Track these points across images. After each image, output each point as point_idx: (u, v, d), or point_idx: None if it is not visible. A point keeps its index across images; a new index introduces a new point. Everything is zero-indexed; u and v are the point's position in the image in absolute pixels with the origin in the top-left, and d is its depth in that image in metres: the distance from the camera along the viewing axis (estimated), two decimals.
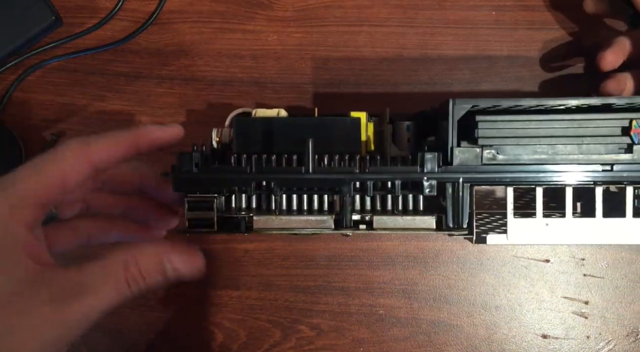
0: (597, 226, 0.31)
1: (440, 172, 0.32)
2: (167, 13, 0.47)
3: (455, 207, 0.32)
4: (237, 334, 0.47)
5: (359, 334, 0.46)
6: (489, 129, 0.32)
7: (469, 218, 0.32)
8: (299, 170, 0.33)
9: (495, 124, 0.32)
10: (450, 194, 0.32)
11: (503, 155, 0.32)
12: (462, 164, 0.32)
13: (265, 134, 0.36)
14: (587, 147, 0.32)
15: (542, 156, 0.32)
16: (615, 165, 0.31)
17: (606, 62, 0.39)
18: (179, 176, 0.33)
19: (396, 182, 0.33)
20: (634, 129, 0.31)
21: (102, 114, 0.46)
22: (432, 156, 0.32)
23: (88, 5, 0.47)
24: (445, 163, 0.32)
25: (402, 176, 0.32)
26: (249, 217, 0.34)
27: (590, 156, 0.32)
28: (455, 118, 0.32)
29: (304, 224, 0.34)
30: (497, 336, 0.46)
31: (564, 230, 0.32)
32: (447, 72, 0.46)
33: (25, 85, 0.47)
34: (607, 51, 0.39)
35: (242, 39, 0.46)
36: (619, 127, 0.31)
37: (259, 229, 0.34)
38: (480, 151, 0.32)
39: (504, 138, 0.32)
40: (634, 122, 0.31)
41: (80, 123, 0.46)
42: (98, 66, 0.46)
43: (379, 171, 0.33)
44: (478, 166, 0.32)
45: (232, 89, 0.46)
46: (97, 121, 0.46)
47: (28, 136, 0.46)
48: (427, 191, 0.32)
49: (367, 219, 0.34)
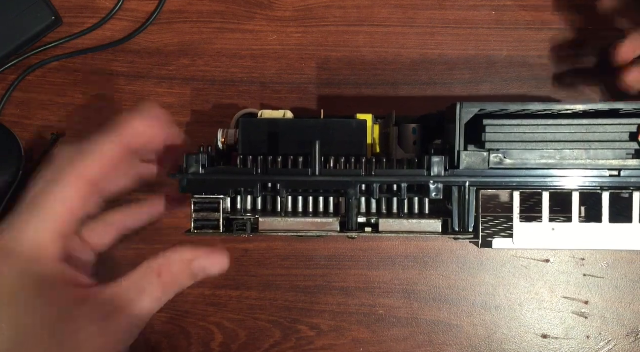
0: (603, 232, 0.32)
1: (447, 176, 0.32)
2: (167, 13, 0.47)
3: (461, 211, 0.32)
4: (237, 334, 0.47)
5: (359, 334, 0.46)
6: (497, 133, 0.32)
7: (475, 222, 0.32)
8: (305, 173, 0.33)
9: (502, 128, 0.32)
10: (456, 198, 0.32)
11: (510, 160, 0.32)
12: (469, 168, 0.32)
13: (271, 135, 0.36)
14: (595, 152, 0.32)
15: (550, 161, 0.32)
16: (622, 171, 0.31)
17: (620, 54, 0.39)
18: (185, 177, 0.33)
19: (402, 185, 0.33)
20: None
21: (102, 114, 0.46)
22: (439, 160, 0.32)
23: (88, 5, 0.47)
24: (452, 166, 0.32)
25: (409, 179, 0.32)
26: (254, 219, 0.34)
27: (597, 161, 0.32)
28: (463, 122, 0.32)
29: (309, 226, 0.34)
30: (497, 336, 0.46)
31: (570, 235, 0.32)
32: (447, 72, 0.46)
33: (25, 85, 0.46)
34: (622, 43, 0.39)
35: (242, 39, 0.46)
36: (626, 132, 0.31)
37: (265, 231, 0.34)
38: (487, 155, 0.32)
39: (512, 142, 0.32)
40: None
41: (80, 123, 0.46)
42: (98, 66, 0.46)
43: (386, 174, 0.33)
44: (485, 170, 0.32)
45: (232, 89, 0.46)
46: (97, 121, 0.46)
47: (28, 136, 0.46)
48: (434, 194, 0.32)
49: (373, 221, 0.34)
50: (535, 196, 0.33)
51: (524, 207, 0.33)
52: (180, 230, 0.45)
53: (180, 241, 0.33)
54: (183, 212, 0.46)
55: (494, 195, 0.43)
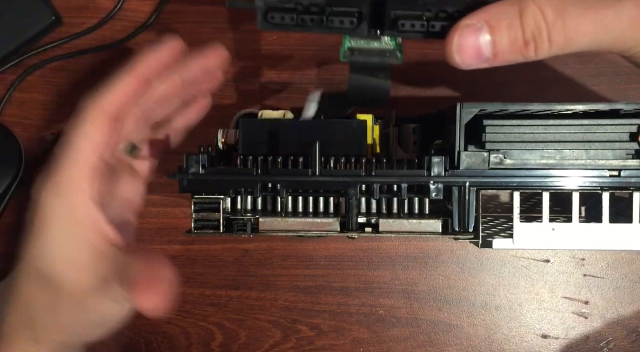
0: (603, 232, 0.32)
1: (447, 176, 0.32)
2: (167, 13, 0.47)
3: (461, 211, 0.32)
4: (237, 334, 0.47)
5: (359, 334, 0.46)
6: (497, 134, 0.32)
7: (475, 222, 0.32)
8: (305, 173, 0.33)
9: (502, 128, 0.32)
10: (456, 198, 0.32)
11: (510, 160, 0.32)
12: (469, 168, 0.32)
13: (271, 135, 0.36)
14: (595, 152, 0.32)
15: (550, 161, 0.32)
16: (622, 171, 0.31)
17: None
18: (185, 177, 0.33)
19: (402, 185, 0.33)
20: None
21: None
22: (439, 160, 0.32)
23: (88, 5, 0.47)
24: (452, 167, 0.32)
25: (409, 179, 0.32)
26: (254, 219, 0.34)
27: (597, 161, 0.32)
28: (463, 122, 0.32)
29: (309, 226, 0.34)
30: (497, 336, 0.46)
31: (570, 235, 0.32)
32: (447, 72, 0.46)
33: (25, 85, 0.46)
34: None
35: (242, 39, 0.46)
36: (626, 132, 0.31)
37: (265, 231, 0.34)
38: (487, 155, 0.32)
39: (512, 142, 0.32)
40: None
41: None
42: (98, 66, 0.46)
43: (386, 174, 0.33)
44: (485, 170, 0.32)
45: (232, 89, 0.46)
46: None
47: (28, 136, 0.46)
48: (434, 194, 0.32)
49: (373, 221, 0.34)
50: (536, 195, 0.33)
51: (524, 207, 0.33)
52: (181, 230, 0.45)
53: None
54: (183, 212, 0.46)
55: (494, 195, 0.43)
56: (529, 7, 0.27)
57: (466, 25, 0.27)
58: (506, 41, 0.27)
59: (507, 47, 0.27)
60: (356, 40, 0.32)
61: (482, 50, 0.27)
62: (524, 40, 0.27)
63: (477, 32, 0.27)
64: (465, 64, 0.28)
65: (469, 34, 0.27)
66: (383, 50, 0.32)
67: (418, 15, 0.29)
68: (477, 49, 0.27)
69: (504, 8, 0.27)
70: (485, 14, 0.27)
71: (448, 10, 0.29)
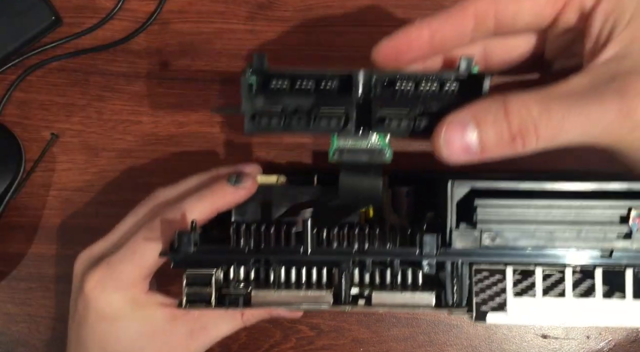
0: (597, 307, 0.31)
1: (440, 254, 0.32)
2: (167, 13, 0.47)
3: (454, 285, 0.32)
4: (237, 334, 0.46)
5: (359, 334, 0.46)
6: (488, 213, 0.31)
7: (469, 296, 0.32)
8: (297, 250, 0.32)
9: (493, 208, 0.31)
10: (449, 273, 0.32)
11: (502, 239, 0.31)
12: (461, 246, 0.32)
13: (264, 202, 0.38)
14: (586, 234, 0.31)
15: (541, 242, 0.31)
16: (614, 252, 0.31)
17: None
18: (177, 257, 0.33)
19: (395, 261, 0.32)
20: (633, 219, 0.30)
21: (102, 114, 0.46)
22: (431, 238, 0.31)
23: (88, 5, 0.47)
24: (444, 244, 0.32)
25: (401, 257, 0.32)
26: (247, 293, 0.34)
27: (588, 243, 0.31)
28: (454, 201, 0.31)
29: (302, 299, 0.33)
30: (497, 336, 0.46)
31: (564, 310, 0.31)
32: None
33: (25, 85, 0.46)
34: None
35: (242, 39, 0.46)
36: (617, 214, 0.31)
37: (257, 304, 0.33)
38: (479, 235, 0.31)
39: (503, 222, 0.31)
40: (632, 211, 0.30)
41: (80, 123, 0.46)
42: (98, 66, 0.46)
43: (378, 252, 0.32)
44: (477, 249, 0.32)
45: (232, 89, 0.46)
46: (97, 121, 0.46)
47: (28, 136, 0.46)
48: (426, 269, 0.32)
49: (366, 294, 0.34)
50: None
51: (519, 276, 0.33)
52: None
53: None
54: None
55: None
56: (514, 103, 0.27)
57: (453, 121, 0.28)
58: (493, 136, 0.28)
59: (494, 142, 0.28)
60: (345, 139, 0.33)
61: (470, 145, 0.28)
62: (510, 135, 0.27)
63: (464, 128, 0.28)
64: (453, 159, 0.29)
65: (455, 130, 0.28)
66: (372, 149, 0.33)
67: (404, 113, 0.30)
68: (464, 144, 0.28)
69: (489, 104, 0.28)
70: (471, 110, 0.28)
71: (433, 109, 0.30)
